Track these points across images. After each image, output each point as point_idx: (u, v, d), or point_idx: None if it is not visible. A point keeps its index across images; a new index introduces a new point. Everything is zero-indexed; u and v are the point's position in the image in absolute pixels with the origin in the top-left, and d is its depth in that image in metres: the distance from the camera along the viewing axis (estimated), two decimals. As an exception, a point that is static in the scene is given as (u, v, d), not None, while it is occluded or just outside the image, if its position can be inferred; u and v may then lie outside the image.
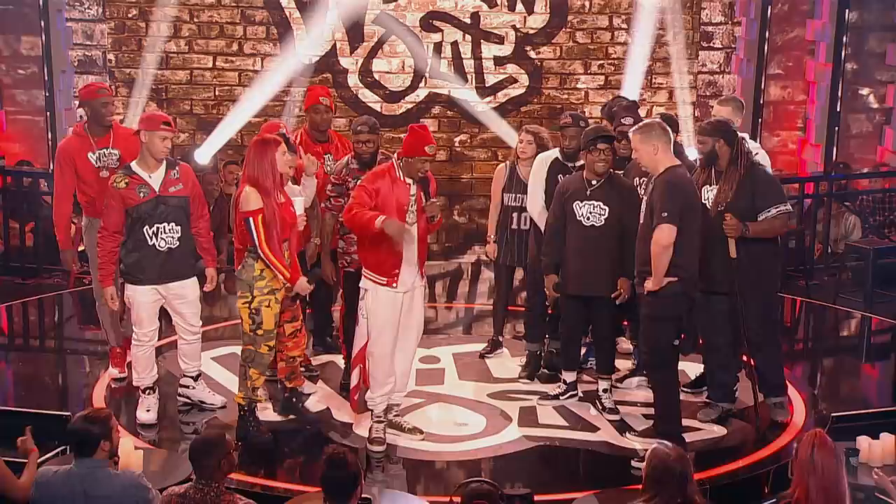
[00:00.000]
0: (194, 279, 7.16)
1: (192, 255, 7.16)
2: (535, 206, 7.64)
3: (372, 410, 6.68)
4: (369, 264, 6.60)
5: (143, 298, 6.96)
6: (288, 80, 11.71)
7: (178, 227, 6.93)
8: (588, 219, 7.06)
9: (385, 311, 6.56)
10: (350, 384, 6.92)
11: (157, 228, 6.86)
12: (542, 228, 7.48)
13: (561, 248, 7.16)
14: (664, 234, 6.32)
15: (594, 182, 7.04)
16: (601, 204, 7.02)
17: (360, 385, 6.75)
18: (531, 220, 7.77)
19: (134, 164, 6.92)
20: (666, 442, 4.89)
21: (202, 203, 7.24)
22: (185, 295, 7.08)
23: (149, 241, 6.86)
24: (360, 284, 6.67)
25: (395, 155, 6.68)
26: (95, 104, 7.51)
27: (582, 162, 7.28)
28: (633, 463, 6.44)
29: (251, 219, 6.46)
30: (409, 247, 6.53)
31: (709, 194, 6.86)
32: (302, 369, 7.41)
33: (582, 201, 7.06)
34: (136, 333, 7.06)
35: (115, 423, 5.06)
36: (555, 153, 7.69)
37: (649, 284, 6.42)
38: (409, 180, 6.54)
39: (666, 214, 6.32)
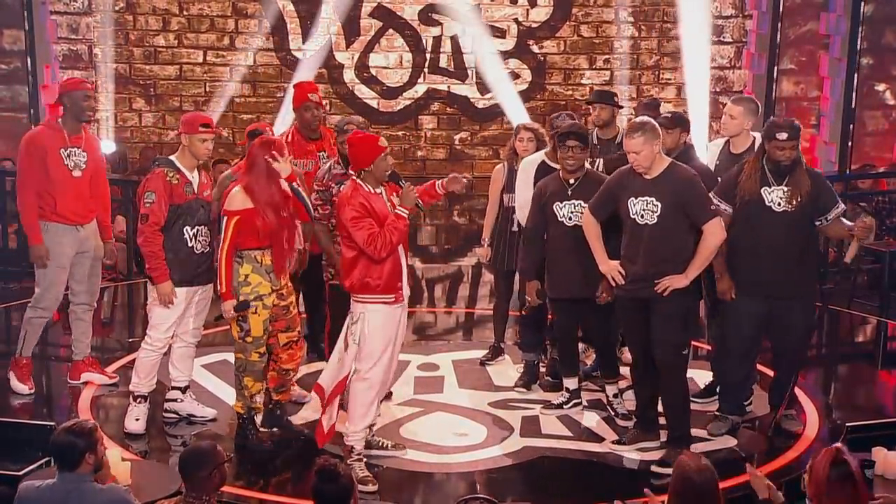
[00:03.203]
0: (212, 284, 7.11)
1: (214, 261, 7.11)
2: (527, 212, 7.40)
3: (352, 448, 6.31)
4: (370, 286, 6.17)
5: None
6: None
7: (209, 232, 6.88)
8: (570, 219, 6.92)
9: (386, 332, 6.21)
10: (321, 417, 6.42)
11: (197, 230, 6.82)
12: None
13: (541, 252, 7.07)
14: (722, 226, 6.38)
15: (572, 181, 6.93)
16: (583, 203, 6.87)
17: (330, 415, 6.32)
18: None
19: (176, 161, 6.83)
20: (691, 453, 4.83)
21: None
22: (206, 299, 7.01)
23: (188, 242, 6.79)
24: (351, 310, 6.29)
25: (347, 173, 6.50)
26: (77, 96, 7.35)
27: None
28: (654, 468, 6.36)
29: (226, 218, 6.42)
30: (400, 254, 6.23)
31: (772, 196, 6.62)
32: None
33: (562, 202, 6.94)
34: (151, 337, 6.91)
35: (101, 435, 4.97)
36: (540, 156, 7.51)
37: (682, 281, 6.35)
38: (378, 189, 6.22)
39: (715, 207, 6.41)
